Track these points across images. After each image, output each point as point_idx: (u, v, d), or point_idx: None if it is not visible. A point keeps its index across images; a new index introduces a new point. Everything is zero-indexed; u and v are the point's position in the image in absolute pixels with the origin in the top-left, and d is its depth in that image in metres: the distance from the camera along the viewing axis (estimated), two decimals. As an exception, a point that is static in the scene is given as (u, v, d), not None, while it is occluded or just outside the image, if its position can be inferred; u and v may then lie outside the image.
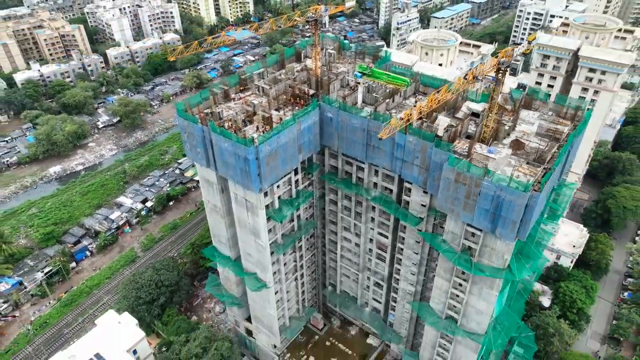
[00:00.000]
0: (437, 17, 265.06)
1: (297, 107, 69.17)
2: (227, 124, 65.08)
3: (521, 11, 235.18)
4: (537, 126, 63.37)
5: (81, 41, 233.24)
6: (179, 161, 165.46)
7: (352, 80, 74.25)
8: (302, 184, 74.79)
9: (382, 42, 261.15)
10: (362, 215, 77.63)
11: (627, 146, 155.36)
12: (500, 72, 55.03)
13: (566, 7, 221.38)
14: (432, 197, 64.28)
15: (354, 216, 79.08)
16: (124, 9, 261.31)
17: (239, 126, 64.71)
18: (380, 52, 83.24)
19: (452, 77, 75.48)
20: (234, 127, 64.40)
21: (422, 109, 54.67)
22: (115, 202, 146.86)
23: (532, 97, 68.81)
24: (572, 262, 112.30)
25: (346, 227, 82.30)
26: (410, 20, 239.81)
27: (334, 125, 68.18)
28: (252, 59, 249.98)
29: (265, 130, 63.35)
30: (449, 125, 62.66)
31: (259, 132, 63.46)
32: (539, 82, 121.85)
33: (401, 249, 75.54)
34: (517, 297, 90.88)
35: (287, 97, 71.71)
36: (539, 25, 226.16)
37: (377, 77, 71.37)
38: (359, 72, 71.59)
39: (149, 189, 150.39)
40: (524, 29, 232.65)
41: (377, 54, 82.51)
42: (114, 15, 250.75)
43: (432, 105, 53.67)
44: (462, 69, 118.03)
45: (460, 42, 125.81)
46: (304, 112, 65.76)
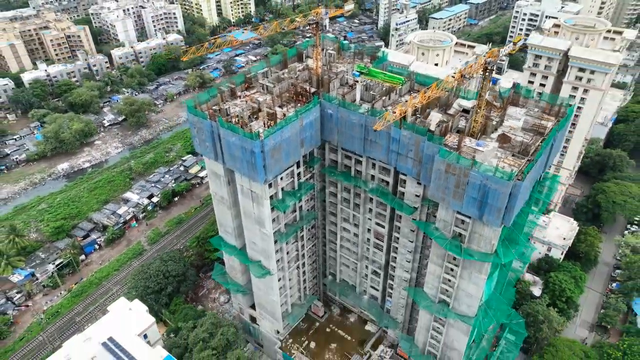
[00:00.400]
0: (435, 18, 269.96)
1: (299, 104, 73.84)
2: (234, 120, 69.74)
3: (517, 12, 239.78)
4: (523, 121, 68.03)
5: (86, 42, 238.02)
6: (184, 158, 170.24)
7: (350, 79, 78.88)
8: (303, 176, 79.45)
9: (382, 42, 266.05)
10: (361, 206, 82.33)
11: (619, 143, 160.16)
12: (487, 71, 59.80)
13: (561, 7, 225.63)
14: (425, 187, 68.90)
15: (352, 207, 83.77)
16: (128, 10, 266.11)
17: (245, 122, 69.45)
18: (377, 53, 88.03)
19: (446, 76, 79.95)
20: (240, 122, 69.08)
21: (414, 104, 59.29)
22: (122, 197, 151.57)
23: (519, 94, 73.52)
24: (562, 253, 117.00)
25: (345, 218, 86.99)
26: (408, 21, 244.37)
27: (334, 121, 72.82)
28: (253, 59, 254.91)
29: (269, 125, 67.95)
30: (441, 120, 67.28)
31: (264, 127, 68.11)
32: (532, 81, 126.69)
33: (397, 238, 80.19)
34: (508, 286, 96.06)
35: (290, 94, 76.33)
36: (534, 25, 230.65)
37: (374, 76, 75.85)
38: (357, 71, 76.13)
39: (155, 185, 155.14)
40: (520, 29, 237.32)
41: (374, 54, 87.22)
42: (118, 16, 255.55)
43: (423, 101, 58.28)
44: (456, 68, 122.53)
45: (455, 43, 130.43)
46: (306, 109, 70.36)
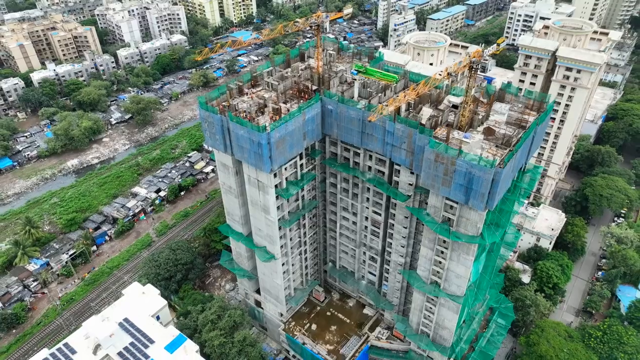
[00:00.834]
0: (433, 18, 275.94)
1: (302, 100, 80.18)
2: (242, 115, 76.07)
3: (512, 13, 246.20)
4: (507, 116, 74.32)
5: (93, 42, 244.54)
6: (189, 155, 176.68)
7: (349, 77, 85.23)
8: (306, 167, 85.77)
9: (381, 42, 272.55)
10: (359, 195, 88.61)
11: (608, 140, 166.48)
12: (472, 70, 66.11)
13: (555, 9, 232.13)
14: (418, 176, 75.11)
15: (351, 197, 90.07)
16: (133, 11, 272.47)
17: (252, 116, 75.80)
18: (374, 53, 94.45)
19: (433, 74, 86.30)
20: (248, 117, 75.42)
21: (405, 99, 65.66)
22: (130, 192, 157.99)
23: (504, 91, 79.82)
24: (550, 243, 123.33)
25: (344, 207, 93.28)
26: (407, 22, 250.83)
27: (334, 115, 79.13)
28: (255, 58, 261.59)
29: (275, 119, 74.28)
30: (432, 115, 73.61)
31: (270, 121, 74.40)
32: (522, 80, 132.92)
33: (392, 224, 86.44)
34: (497, 272, 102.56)
35: (293, 92, 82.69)
36: (529, 26, 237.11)
37: (371, 74, 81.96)
38: (356, 70, 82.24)
39: (162, 180, 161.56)
40: (515, 30, 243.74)
41: (371, 54, 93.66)
42: (123, 17, 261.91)
43: (413, 96, 64.63)
44: (450, 67, 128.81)
45: (450, 44, 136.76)
46: (308, 105, 76.69)
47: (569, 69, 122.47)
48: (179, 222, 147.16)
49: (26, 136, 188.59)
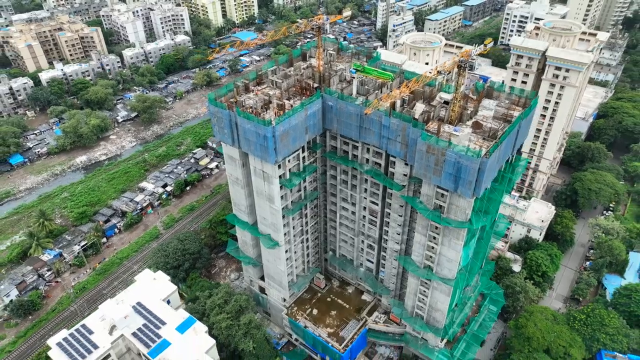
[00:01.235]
0: (431, 19, 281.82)
1: (304, 97, 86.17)
2: (249, 110, 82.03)
3: (508, 14, 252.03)
4: (494, 111, 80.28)
5: (99, 42, 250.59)
6: (194, 151, 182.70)
7: (348, 75, 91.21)
8: (308, 160, 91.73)
9: (380, 42, 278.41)
10: (357, 186, 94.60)
11: (599, 137, 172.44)
12: (460, 68, 72.05)
13: (550, 10, 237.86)
14: (411, 167, 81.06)
15: (350, 188, 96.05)
16: (137, 12, 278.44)
17: (258, 111, 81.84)
18: (372, 53, 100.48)
19: (424, 72, 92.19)
20: (254, 112, 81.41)
21: (398, 95, 71.63)
22: (138, 187, 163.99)
23: (492, 88, 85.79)
24: (540, 234, 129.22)
25: (344, 197, 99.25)
26: (405, 22, 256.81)
27: (334, 111, 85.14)
28: (257, 58, 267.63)
29: (279, 114, 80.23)
30: (425, 110, 79.52)
31: (275, 116, 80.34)
32: (514, 78, 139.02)
33: (389, 213, 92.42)
34: (488, 260, 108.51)
35: (295, 89, 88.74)
36: (524, 27, 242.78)
37: (369, 72, 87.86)
38: (354, 69, 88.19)
39: (168, 176, 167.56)
40: (511, 30, 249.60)
41: (370, 54, 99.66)
42: (128, 18, 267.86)
43: (405, 92, 70.59)
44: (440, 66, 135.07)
45: (445, 44, 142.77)
46: (310, 101, 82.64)
47: (558, 68, 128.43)
48: (185, 216, 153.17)
49: (36, 134, 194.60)
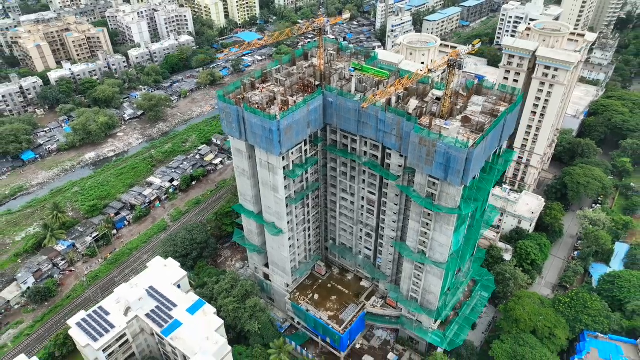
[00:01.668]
0: (429, 20, 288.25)
1: (306, 93, 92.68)
2: (255, 106, 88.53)
3: (504, 15, 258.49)
4: (482, 107, 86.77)
5: (105, 43, 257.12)
6: (199, 148, 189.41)
7: (347, 74, 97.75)
8: (310, 152, 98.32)
9: (379, 43, 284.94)
10: (356, 177, 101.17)
11: (589, 134, 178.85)
12: (450, 67, 78.57)
13: (545, 11, 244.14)
14: (406, 159, 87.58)
15: (349, 179, 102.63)
16: (142, 13, 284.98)
17: (264, 107, 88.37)
18: (370, 53, 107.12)
19: (416, 70, 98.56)
20: (260, 107, 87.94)
21: (393, 91, 78.20)
22: (146, 181, 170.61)
23: (481, 85, 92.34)
24: (531, 225, 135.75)
25: (343, 188, 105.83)
26: (404, 23, 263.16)
27: (334, 107, 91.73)
28: (259, 58, 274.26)
29: (283, 109, 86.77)
30: (418, 106, 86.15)
31: (279, 111, 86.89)
32: (506, 77, 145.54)
33: (385, 202, 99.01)
34: (480, 249, 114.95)
35: (298, 86, 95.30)
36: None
37: (366, 71, 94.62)
38: (353, 67, 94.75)
39: (175, 171, 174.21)
40: (507, 30, 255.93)
41: (368, 54, 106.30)
42: (133, 19, 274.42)
43: (399, 88, 77.13)
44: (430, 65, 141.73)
45: (440, 44, 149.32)
46: (312, 97, 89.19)
47: (547, 67, 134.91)
48: (191, 209, 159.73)
49: (46, 131, 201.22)
